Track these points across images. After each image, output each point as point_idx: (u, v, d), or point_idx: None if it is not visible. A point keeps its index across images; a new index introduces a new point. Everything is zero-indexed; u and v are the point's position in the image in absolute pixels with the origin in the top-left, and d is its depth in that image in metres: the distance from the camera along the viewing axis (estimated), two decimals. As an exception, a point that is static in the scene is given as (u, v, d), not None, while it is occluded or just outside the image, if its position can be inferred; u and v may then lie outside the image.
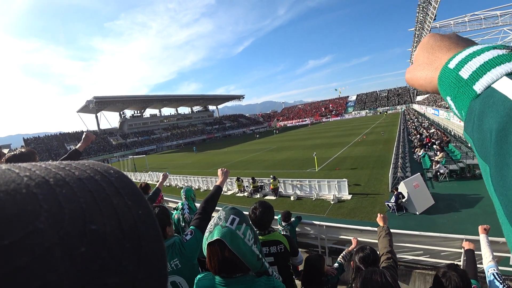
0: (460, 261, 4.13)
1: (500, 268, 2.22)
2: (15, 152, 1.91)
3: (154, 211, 1.88)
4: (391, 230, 4.78)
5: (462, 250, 4.12)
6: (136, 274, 0.24)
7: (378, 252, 2.19)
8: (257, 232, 2.39)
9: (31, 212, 0.20)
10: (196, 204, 4.20)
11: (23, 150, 1.97)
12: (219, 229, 1.21)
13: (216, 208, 2.14)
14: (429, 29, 38.52)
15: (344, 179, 12.16)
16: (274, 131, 73.61)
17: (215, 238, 1.19)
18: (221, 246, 1.19)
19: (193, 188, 4.52)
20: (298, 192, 13.31)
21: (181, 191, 4.12)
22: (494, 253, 4.07)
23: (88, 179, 0.26)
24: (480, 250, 4.21)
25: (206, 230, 1.28)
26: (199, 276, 1.36)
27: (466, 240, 2.90)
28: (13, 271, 0.17)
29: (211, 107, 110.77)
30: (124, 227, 0.25)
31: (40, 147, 61.45)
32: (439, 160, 12.95)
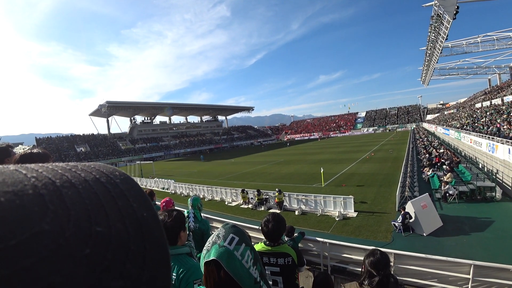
0: (467, 287, 4.02)
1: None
2: (31, 151, 1.95)
3: (172, 214, 1.90)
4: (397, 251, 4.69)
5: (470, 276, 4.01)
6: (140, 276, 0.24)
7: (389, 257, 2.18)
8: (267, 243, 2.45)
9: (37, 213, 0.20)
10: (201, 214, 4.22)
11: (39, 150, 2.01)
12: (216, 249, 1.17)
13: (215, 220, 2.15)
14: (441, 49, 38.49)
15: (350, 196, 12.00)
16: (287, 143, 76.46)
17: (211, 258, 1.16)
18: (218, 266, 1.15)
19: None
20: (303, 207, 13.17)
21: (188, 199, 4.12)
22: (505, 281, 3.95)
23: (94, 181, 0.27)
24: (488, 277, 4.10)
25: (204, 247, 1.24)
26: None
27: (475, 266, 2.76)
28: (18, 272, 0.17)
29: (220, 117, 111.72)
30: (129, 229, 0.25)
31: (51, 147, 62.54)
32: (448, 180, 12.70)
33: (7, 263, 0.17)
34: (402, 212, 9.46)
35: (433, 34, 36.07)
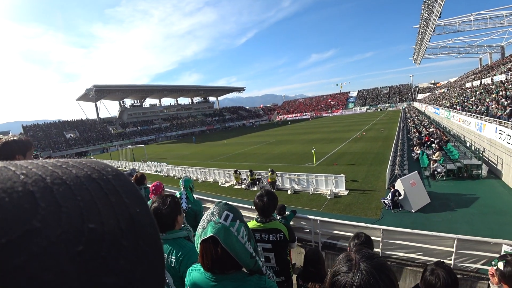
0: (450, 259, 4.20)
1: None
2: (12, 138, 1.90)
3: (166, 201, 1.89)
4: (385, 227, 4.85)
5: (453, 249, 4.19)
6: (134, 272, 0.24)
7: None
8: (259, 219, 2.50)
9: (28, 211, 0.20)
10: (193, 195, 4.24)
11: (21, 137, 1.96)
12: (212, 225, 1.19)
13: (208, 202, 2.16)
14: (433, 27, 38.20)
15: (341, 175, 12.22)
16: (288, 122, 78.40)
17: (208, 235, 1.17)
18: (215, 243, 1.17)
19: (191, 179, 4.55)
20: (295, 186, 13.38)
21: (180, 181, 4.12)
22: (485, 253, 4.15)
23: (85, 177, 0.26)
24: (470, 250, 4.29)
25: (199, 226, 1.25)
26: (191, 267, 1.37)
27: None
28: (10, 271, 0.17)
29: (211, 99, 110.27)
30: (122, 225, 0.25)
31: (39, 134, 61.19)
32: (436, 159, 13.00)
33: None
34: (392, 190, 9.71)
35: (427, 12, 35.65)
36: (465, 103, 26.38)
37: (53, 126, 68.10)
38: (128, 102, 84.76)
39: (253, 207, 6.33)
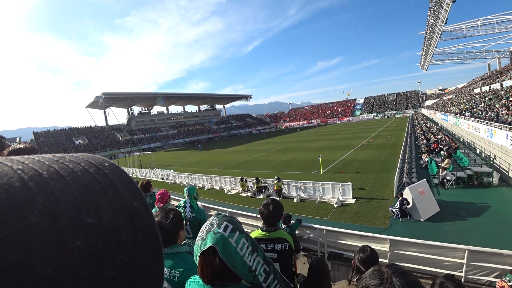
0: (461, 271, 4.07)
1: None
2: (19, 146, 1.93)
3: (169, 216, 1.89)
4: (393, 237, 4.74)
5: (464, 261, 4.06)
6: (133, 266, 0.24)
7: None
8: (264, 228, 2.48)
9: (25, 206, 0.20)
10: (198, 202, 4.22)
11: (26, 145, 2.00)
12: (211, 236, 1.16)
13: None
14: (440, 33, 38.00)
15: (348, 183, 12.07)
16: (297, 129, 78.85)
17: (208, 245, 1.15)
18: (214, 254, 1.15)
19: (196, 187, 4.52)
20: (301, 194, 13.26)
21: (184, 189, 4.12)
22: (497, 265, 4.01)
23: (82, 172, 0.26)
24: (482, 262, 4.15)
25: (198, 238, 1.23)
26: (190, 279, 1.34)
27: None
28: (8, 266, 0.17)
29: (218, 106, 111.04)
30: (120, 220, 0.25)
31: (49, 141, 62.35)
32: (445, 166, 12.76)
33: None
34: (400, 198, 9.54)
35: (432, 18, 35.54)
36: (474, 109, 26.02)
37: (63, 133, 69.32)
38: (136, 109, 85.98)
39: (259, 216, 6.29)
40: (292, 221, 4.89)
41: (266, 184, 14.71)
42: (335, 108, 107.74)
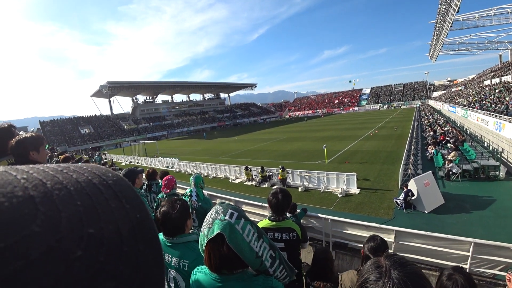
0: (466, 264, 4.08)
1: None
2: (25, 135, 1.97)
3: (176, 206, 1.90)
4: (398, 229, 4.75)
5: (470, 254, 4.07)
6: (133, 278, 0.24)
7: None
8: (272, 218, 2.49)
9: (27, 215, 0.20)
10: (204, 191, 4.24)
11: (32, 134, 2.04)
12: (218, 223, 1.17)
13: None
14: (451, 22, 37.00)
15: (353, 173, 12.06)
16: (305, 118, 78.97)
17: (216, 232, 1.16)
18: (222, 240, 1.16)
19: (201, 175, 4.54)
20: (306, 183, 13.30)
21: (191, 177, 4.12)
22: (503, 259, 4.01)
23: (86, 182, 0.26)
24: (487, 255, 4.15)
25: (204, 226, 1.23)
26: (196, 269, 1.36)
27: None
28: (8, 275, 0.17)
29: (222, 95, 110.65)
30: (122, 231, 0.25)
31: (55, 130, 62.92)
32: (452, 159, 12.65)
33: None
34: (405, 190, 9.52)
35: (444, 6, 34.57)
36: (483, 102, 25.58)
37: (69, 122, 69.82)
38: (141, 98, 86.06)
39: (264, 204, 6.32)
40: (297, 210, 4.91)
41: (271, 173, 14.76)
42: (340, 97, 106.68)
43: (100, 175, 0.29)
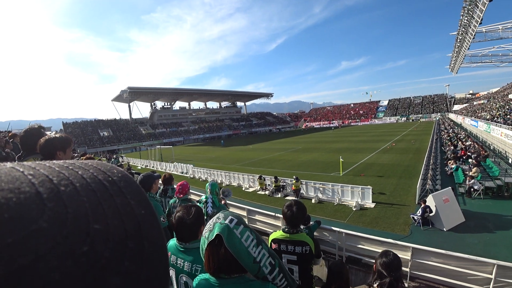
0: (489, 287, 3.89)
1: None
2: (54, 136, 2.09)
3: (190, 211, 1.95)
4: (416, 246, 4.60)
5: (492, 276, 3.87)
6: (138, 274, 0.24)
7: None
8: (286, 230, 2.47)
9: (35, 211, 0.20)
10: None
11: (62, 135, 2.15)
12: (218, 226, 1.22)
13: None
14: (473, 34, 36.13)
15: (368, 186, 11.81)
16: (332, 127, 78.91)
17: (215, 234, 1.21)
18: (220, 242, 1.20)
19: (217, 183, 4.57)
20: (320, 195, 13.13)
21: (207, 184, 4.15)
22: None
23: (91, 179, 0.27)
24: (510, 279, 3.94)
25: (205, 230, 1.28)
26: (199, 275, 1.40)
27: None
28: (16, 270, 0.17)
29: (239, 104, 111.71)
30: (127, 227, 0.25)
31: (76, 131, 65.41)
32: (473, 175, 12.18)
33: (4, 262, 0.17)
34: (423, 205, 9.22)
35: (466, 18, 33.84)
36: (508, 116, 24.63)
37: (89, 124, 72.42)
38: (159, 104, 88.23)
39: (277, 214, 6.29)
40: (311, 222, 4.85)
41: (284, 184, 14.67)
42: (357, 109, 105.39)
43: (105, 171, 0.29)
